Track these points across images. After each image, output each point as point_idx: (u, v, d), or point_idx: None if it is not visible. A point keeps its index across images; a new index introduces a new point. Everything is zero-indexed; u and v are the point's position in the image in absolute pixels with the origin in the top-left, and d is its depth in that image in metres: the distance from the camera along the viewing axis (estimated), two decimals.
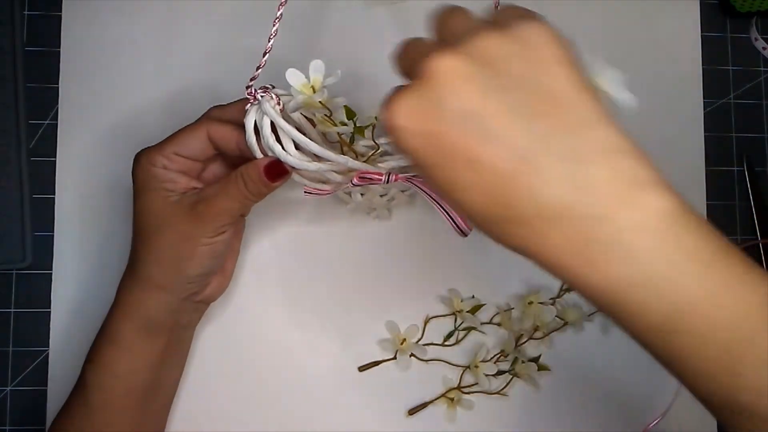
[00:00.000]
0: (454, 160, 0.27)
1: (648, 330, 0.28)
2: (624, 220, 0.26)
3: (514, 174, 0.26)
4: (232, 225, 0.41)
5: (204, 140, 0.41)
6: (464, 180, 0.27)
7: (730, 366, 0.27)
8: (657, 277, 0.27)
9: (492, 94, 0.27)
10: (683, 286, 0.27)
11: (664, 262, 0.26)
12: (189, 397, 0.48)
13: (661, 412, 0.50)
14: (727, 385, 0.28)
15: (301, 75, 0.38)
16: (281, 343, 0.49)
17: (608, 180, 0.27)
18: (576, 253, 0.27)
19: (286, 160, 0.39)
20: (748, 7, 0.53)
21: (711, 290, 0.27)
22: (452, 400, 0.49)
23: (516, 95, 0.27)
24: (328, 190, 0.42)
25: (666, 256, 0.26)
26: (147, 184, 0.41)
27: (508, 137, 0.27)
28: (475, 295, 0.50)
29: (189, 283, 0.41)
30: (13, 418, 0.48)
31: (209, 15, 0.50)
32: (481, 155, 0.27)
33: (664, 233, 0.27)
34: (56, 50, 0.50)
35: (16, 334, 0.48)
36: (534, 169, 0.26)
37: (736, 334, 0.27)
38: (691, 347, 0.27)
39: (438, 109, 0.27)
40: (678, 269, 0.27)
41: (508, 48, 0.27)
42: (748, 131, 0.54)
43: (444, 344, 0.50)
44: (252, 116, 0.39)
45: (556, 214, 0.27)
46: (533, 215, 0.27)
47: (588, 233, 0.27)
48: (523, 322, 0.49)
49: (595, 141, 0.27)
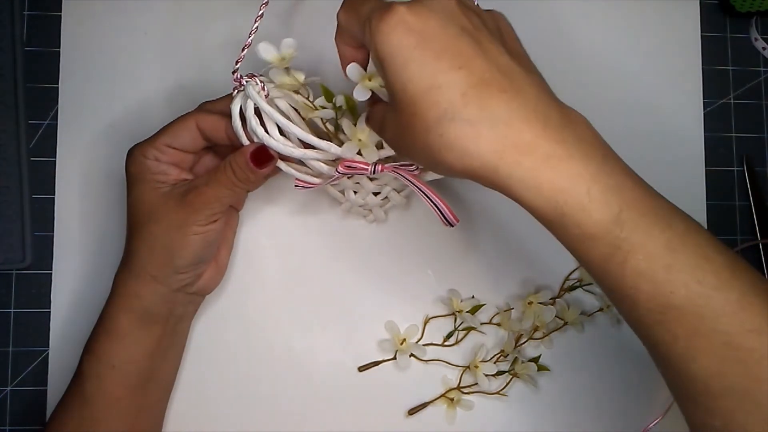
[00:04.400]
0: (439, 60, 0.32)
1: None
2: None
3: (491, 83, 0.32)
4: (223, 214, 0.42)
5: (194, 131, 0.42)
6: (441, 80, 0.32)
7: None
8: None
9: (482, 28, 0.34)
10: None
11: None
12: (185, 396, 0.48)
13: (661, 412, 0.50)
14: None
15: (273, 48, 0.40)
16: (280, 343, 0.49)
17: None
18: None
19: (269, 144, 0.40)
20: (748, 7, 0.53)
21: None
22: (452, 401, 0.49)
23: (494, 37, 0.34)
24: (317, 183, 0.42)
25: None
26: (139, 176, 0.42)
27: (495, 57, 0.33)
28: (474, 296, 0.50)
29: (181, 273, 0.42)
30: (13, 418, 0.48)
31: (209, 14, 0.51)
32: (471, 62, 0.32)
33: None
34: (56, 50, 0.50)
35: (16, 334, 0.48)
36: (510, 85, 0.32)
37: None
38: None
39: (442, 17, 0.33)
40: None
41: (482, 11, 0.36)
42: (747, 131, 0.54)
43: (444, 344, 0.50)
44: (237, 102, 0.41)
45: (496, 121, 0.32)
46: (491, 119, 0.32)
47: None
48: (522, 322, 0.49)
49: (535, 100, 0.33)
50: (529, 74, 0.34)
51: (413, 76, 0.32)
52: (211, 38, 0.50)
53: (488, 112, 0.32)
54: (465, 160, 0.32)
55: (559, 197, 0.32)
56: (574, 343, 0.51)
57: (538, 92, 0.33)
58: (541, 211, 0.32)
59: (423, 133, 0.32)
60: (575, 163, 0.32)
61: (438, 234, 0.50)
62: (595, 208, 0.32)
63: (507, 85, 0.32)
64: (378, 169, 0.41)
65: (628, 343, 0.51)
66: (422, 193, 0.42)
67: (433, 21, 0.32)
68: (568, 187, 0.32)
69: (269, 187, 0.48)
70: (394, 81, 0.33)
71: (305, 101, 0.41)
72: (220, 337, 0.49)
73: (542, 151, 0.32)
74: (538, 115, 0.32)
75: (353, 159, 0.40)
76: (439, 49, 0.32)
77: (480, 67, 0.32)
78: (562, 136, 0.32)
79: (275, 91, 0.41)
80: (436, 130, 0.32)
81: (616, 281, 0.33)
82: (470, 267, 0.51)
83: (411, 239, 0.50)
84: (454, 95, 0.32)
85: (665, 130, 0.53)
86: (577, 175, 0.32)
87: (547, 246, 0.51)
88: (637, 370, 0.51)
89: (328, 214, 0.50)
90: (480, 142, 0.32)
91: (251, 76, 0.40)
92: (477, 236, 0.51)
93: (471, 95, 0.32)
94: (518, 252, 0.51)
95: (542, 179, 0.32)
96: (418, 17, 0.32)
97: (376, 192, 0.46)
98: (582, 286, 0.50)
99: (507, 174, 0.32)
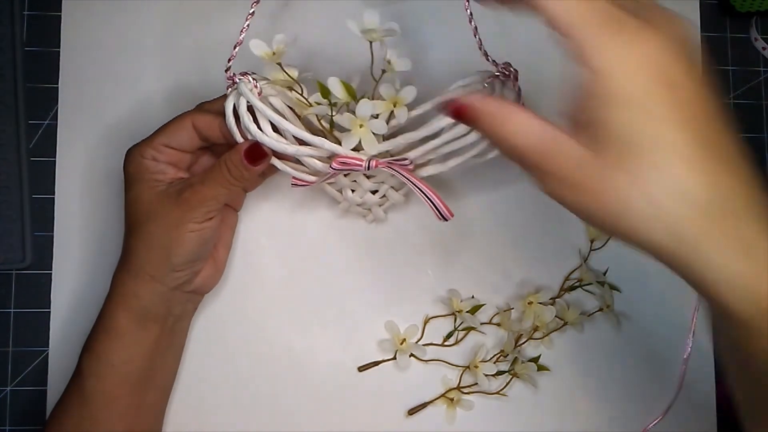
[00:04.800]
0: (660, 104, 0.28)
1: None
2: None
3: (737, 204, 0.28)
4: (219, 212, 0.42)
5: (190, 130, 0.42)
6: (663, 120, 0.28)
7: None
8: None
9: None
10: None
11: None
12: (185, 396, 0.48)
13: (661, 412, 0.50)
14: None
15: (264, 44, 0.41)
16: (280, 343, 0.49)
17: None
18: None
19: (261, 140, 0.40)
20: (748, 7, 0.53)
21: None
22: (452, 401, 0.49)
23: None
24: (313, 180, 0.43)
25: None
26: (136, 175, 0.42)
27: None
28: (474, 296, 0.50)
29: (177, 270, 0.42)
30: (13, 418, 0.48)
31: (209, 14, 0.50)
32: (698, 125, 0.28)
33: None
34: (56, 50, 0.50)
35: (16, 334, 0.48)
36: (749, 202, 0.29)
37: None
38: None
39: (680, 58, 0.28)
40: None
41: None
42: (747, 131, 0.54)
43: (444, 344, 0.50)
44: (231, 100, 0.41)
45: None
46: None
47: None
48: (523, 322, 0.49)
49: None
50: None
51: (655, 134, 0.28)
52: (211, 38, 0.50)
53: (719, 194, 0.28)
54: (673, 240, 0.28)
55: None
56: (574, 343, 0.51)
57: (753, 175, 0.30)
58: (742, 316, 0.29)
59: (640, 200, 0.28)
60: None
61: (438, 233, 0.50)
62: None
63: (734, 164, 0.29)
64: (372, 165, 0.41)
65: (628, 344, 0.51)
66: (416, 187, 0.42)
67: (689, 83, 0.28)
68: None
69: (269, 186, 0.48)
70: (623, 125, 0.28)
71: (299, 98, 0.41)
72: (220, 337, 0.49)
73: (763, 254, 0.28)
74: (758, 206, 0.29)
75: (347, 155, 0.40)
76: (686, 110, 0.28)
77: (715, 138, 0.28)
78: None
79: (268, 88, 0.41)
80: (659, 200, 0.28)
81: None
82: (470, 267, 0.51)
83: (411, 239, 0.50)
84: (690, 168, 0.28)
85: None
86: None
87: (546, 246, 0.51)
88: (637, 370, 0.51)
89: (327, 214, 0.50)
90: (702, 226, 0.28)
91: (244, 74, 0.41)
92: (477, 236, 0.51)
93: (707, 172, 0.28)
94: (518, 252, 0.51)
95: (748, 279, 0.28)
96: (673, 65, 0.28)
97: (374, 190, 0.46)
98: (582, 285, 0.50)
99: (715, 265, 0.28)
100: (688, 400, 0.50)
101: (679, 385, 0.50)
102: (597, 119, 0.28)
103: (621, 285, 0.51)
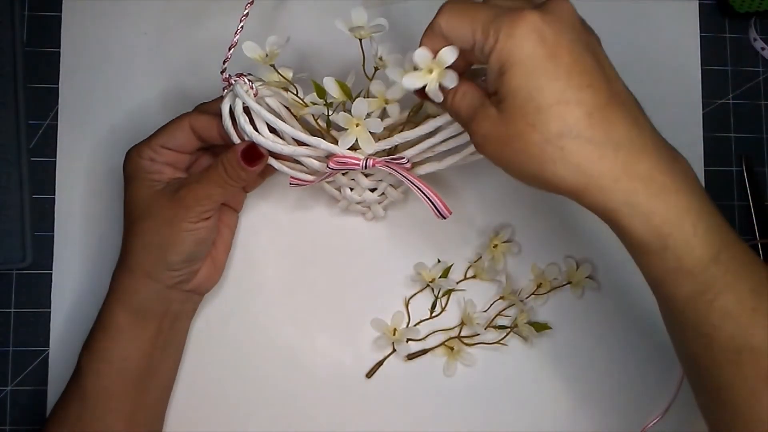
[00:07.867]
0: (569, 76, 0.33)
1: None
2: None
3: (615, 107, 0.33)
4: (215, 212, 0.42)
5: (187, 131, 0.43)
6: (570, 96, 0.33)
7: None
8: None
9: (597, 48, 0.35)
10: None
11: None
12: (185, 395, 0.48)
13: (661, 412, 0.50)
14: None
15: (257, 46, 0.41)
16: (280, 343, 0.49)
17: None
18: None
19: (258, 141, 0.41)
20: (747, 7, 0.53)
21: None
22: (452, 350, 0.49)
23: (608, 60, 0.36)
24: (311, 180, 0.43)
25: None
26: (135, 175, 0.43)
27: (614, 81, 0.35)
28: (440, 260, 0.50)
29: (174, 269, 0.42)
30: (13, 418, 0.48)
31: (208, 15, 0.51)
32: (597, 82, 0.33)
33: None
34: (56, 50, 0.50)
35: (16, 334, 0.48)
36: (629, 112, 0.34)
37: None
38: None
39: (571, 32, 0.33)
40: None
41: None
42: (746, 132, 0.54)
43: (432, 316, 0.50)
44: (227, 101, 0.41)
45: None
46: (614, 144, 0.33)
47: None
48: (497, 266, 0.49)
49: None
50: (638, 103, 0.35)
51: (543, 86, 0.32)
52: (211, 39, 0.50)
53: (611, 136, 0.33)
54: (578, 177, 0.33)
55: (665, 228, 0.33)
56: (574, 341, 0.51)
57: (649, 123, 0.35)
58: (643, 239, 0.33)
59: (539, 143, 0.33)
60: (684, 198, 0.33)
61: (437, 232, 0.50)
62: (698, 244, 0.33)
63: (627, 112, 0.34)
64: (370, 164, 0.41)
65: (628, 344, 0.51)
66: (415, 186, 0.42)
67: (565, 35, 0.33)
68: (676, 220, 0.33)
69: (268, 186, 0.48)
70: (519, 88, 0.33)
71: (295, 98, 0.41)
72: (220, 337, 0.49)
73: (657, 182, 0.33)
74: (652, 146, 0.34)
75: (344, 154, 0.40)
76: (569, 64, 0.33)
77: (604, 89, 0.33)
78: (672, 169, 0.34)
79: (264, 89, 0.41)
80: (556, 142, 0.33)
81: (698, 318, 0.34)
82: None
83: (411, 238, 0.50)
84: (581, 113, 0.33)
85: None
86: (686, 210, 0.33)
87: (541, 239, 0.51)
88: (637, 368, 0.51)
89: (327, 213, 0.50)
90: (600, 164, 0.33)
91: (240, 76, 0.41)
92: (476, 235, 0.51)
93: (597, 117, 0.33)
94: (516, 246, 0.51)
95: (653, 209, 0.33)
96: (552, 28, 0.33)
97: (373, 188, 0.46)
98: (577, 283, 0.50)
99: (618, 199, 0.33)
100: (688, 400, 0.50)
101: (678, 384, 0.50)
102: (500, 84, 0.34)
103: (624, 286, 0.51)
